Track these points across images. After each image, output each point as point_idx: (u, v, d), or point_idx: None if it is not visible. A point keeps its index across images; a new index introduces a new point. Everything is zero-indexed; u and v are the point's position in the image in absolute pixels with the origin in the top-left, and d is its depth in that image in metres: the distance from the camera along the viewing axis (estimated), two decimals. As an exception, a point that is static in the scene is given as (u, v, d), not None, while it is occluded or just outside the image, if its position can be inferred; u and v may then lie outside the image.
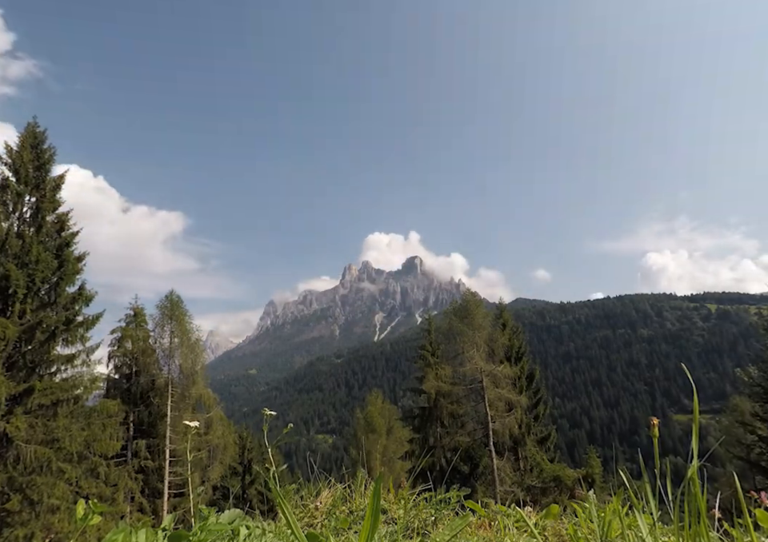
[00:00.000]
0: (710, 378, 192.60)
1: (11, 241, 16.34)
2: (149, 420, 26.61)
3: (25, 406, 15.50)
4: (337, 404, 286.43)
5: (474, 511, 2.68)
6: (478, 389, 28.60)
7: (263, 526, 2.26)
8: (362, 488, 3.16)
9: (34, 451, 15.10)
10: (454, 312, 31.50)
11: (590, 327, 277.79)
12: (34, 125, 18.60)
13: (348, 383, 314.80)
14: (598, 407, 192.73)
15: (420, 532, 2.63)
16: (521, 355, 32.60)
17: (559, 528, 2.60)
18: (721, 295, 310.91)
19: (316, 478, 3.32)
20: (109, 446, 18.49)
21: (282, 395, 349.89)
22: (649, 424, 1.65)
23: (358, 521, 2.65)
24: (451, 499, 2.88)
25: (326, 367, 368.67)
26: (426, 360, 31.77)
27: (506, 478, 27.07)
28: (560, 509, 2.55)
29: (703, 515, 1.44)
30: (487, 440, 27.65)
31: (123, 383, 26.87)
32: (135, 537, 1.74)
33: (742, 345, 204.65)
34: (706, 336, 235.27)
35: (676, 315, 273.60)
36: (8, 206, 17.11)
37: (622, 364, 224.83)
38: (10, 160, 17.51)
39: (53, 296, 17.23)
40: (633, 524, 2.01)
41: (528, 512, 2.99)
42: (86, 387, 17.48)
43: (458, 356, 30.12)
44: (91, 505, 1.74)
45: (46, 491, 14.97)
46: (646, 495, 1.79)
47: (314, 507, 2.97)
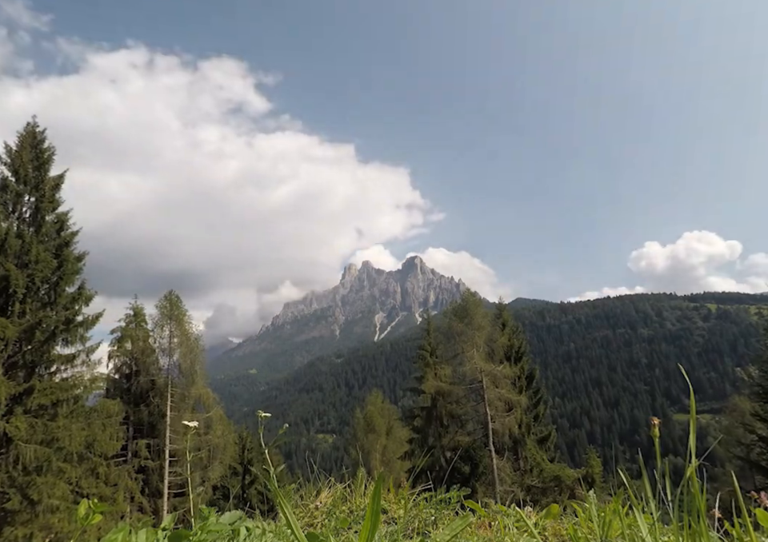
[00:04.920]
0: (710, 378, 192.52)
1: (11, 241, 16.34)
2: (149, 420, 26.59)
3: (25, 406, 15.50)
4: (337, 404, 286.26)
5: (474, 511, 2.68)
6: (478, 389, 28.61)
7: (263, 526, 2.26)
8: (362, 487, 3.16)
9: (34, 451, 15.09)
10: (454, 312, 31.50)
11: (590, 327, 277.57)
12: (34, 124, 18.59)
13: (348, 383, 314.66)
14: (597, 407, 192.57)
15: (420, 531, 2.62)
16: (521, 355, 32.59)
17: (559, 527, 2.60)
18: (721, 295, 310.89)
19: (316, 478, 3.31)
20: (109, 446, 18.51)
21: (282, 395, 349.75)
22: (649, 424, 1.65)
23: (358, 521, 2.65)
24: (451, 499, 2.88)
25: (326, 367, 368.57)
26: (426, 360, 31.76)
27: (506, 478, 27.07)
28: (560, 509, 2.55)
29: (702, 514, 1.44)
30: (487, 440, 27.66)
31: (123, 383, 26.86)
32: (135, 537, 1.74)
33: (742, 345, 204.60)
34: (706, 336, 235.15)
35: (676, 315, 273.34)
36: (7, 206, 17.12)
37: (622, 364, 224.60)
38: (9, 160, 17.52)
39: (53, 296, 17.23)
40: (633, 524, 2.01)
41: (528, 512, 2.99)
42: (85, 387, 17.49)
43: (457, 356, 30.13)
44: (92, 505, 1.74)
45: (45, 491, 14.96)
46: (646, 495, 1.79)
47: (314, 507, 2.97)
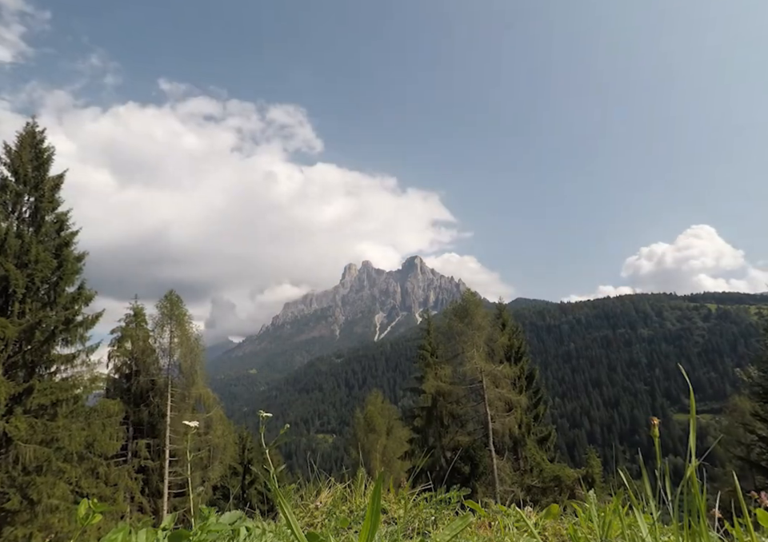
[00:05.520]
0: (710, 378, 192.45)
1: (10, 241, 16.33)
2: (149, 420, 26.58)
3: (24, 406, 15.50)
4: (337, 404, 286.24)
5: (474, 511, 2.68)
6: (478, 389, 28.61)
7: (263, 526, 2.26)
8: (362, 487, 3.16)
9: (34, 451, 15.09)
10: (454, 311, 31.49)
11: (590, 327, 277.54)
12: (33, 124, 18.58)
13: (348, 383, 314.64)
14: (598, 407, 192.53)
15: (420, 531, 2.62)
16: (521, 355, 32.59)
17: (559, 527, 2.60)
18: (721, 295, 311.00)
19: (316, 478, 3.31)
20: (109, 446, 18.50)
21: (282, 395, 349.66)
22: (649, 424, 1.65)
23: (358, 521, 2.65)
24: (451, 499, 2.88)
25: (326, 367, 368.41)
26: (426, 360, 31.75)
27: (506, 478, 27.07)
28: (560, 509, 2.55)
29: (702, 514, 1.44)
30: (487, 439, 27.66)
31: (123, 383, 26.86)
32: (135, 537, 1.74)
33: (742, 345, 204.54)
34: (706, 336, 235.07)
35: (676, 315, 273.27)
36: (7, 206, 17.11)
37: (622, 364, 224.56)
38: (8, 160, 17.50)
39: (52, 296, 17.23)
40: (633, 524, 2.01)
41: (528, 511, 2.99)
42: (85, 387, 17.48)
43: (457, 355, 30.13)
44: (92, 505, 1.74)
45: (45, 491, 14.95)
46: (646, 495, 1.79)
47: (314, 507, 2.97)
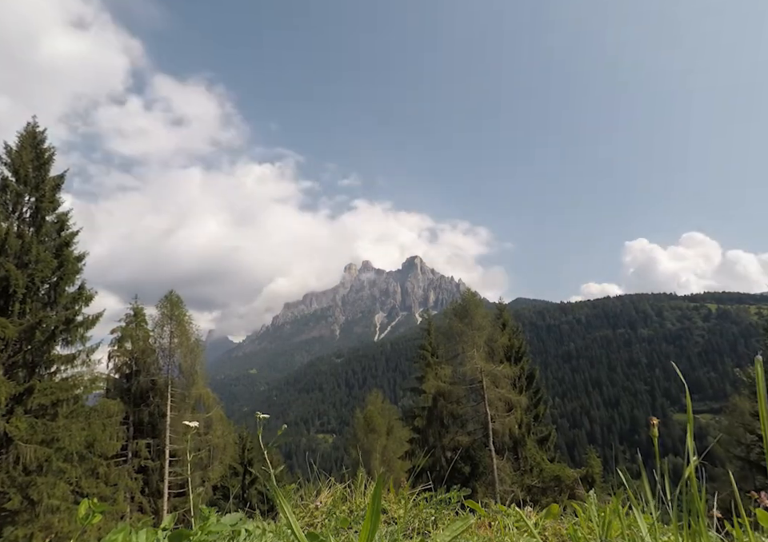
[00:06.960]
0: (710, 378, 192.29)
1: (11, 241, 16.33)
2: (149, 420, 26.58)
3: (25, 406, 15.50)
4: (337, 404, 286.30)
5: (474, 511, 2.68)
6: (478, 389, 28.59)
7: (263, 526, 2.26)
8: (362, 487, 3.16)
9: (34, 451, 15.09)
10: (454, 311, 31.46)
11: (590, 327, 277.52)
12: (34, 124, 18.58)
13: (348, 383, 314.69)
14: (598, 407, 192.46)
15: (420, 531, 2.63)
16: (521, 355, 32.57)
17: (559, 527, 2.60)
18: (721, 295, 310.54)
19: (316, 478, 3.32)
20: (109, 446, 18.52)
21: (282, 395, 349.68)
22: (649, 424, 1.65)
23: (358, 521, 2.65)
24: (451, 499, 2.88)
25: (326, 367, 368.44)
26: (426, 360, 31.74)
27: (506, 478, 27.05)
28: (560, 509, 2.55)
29: (702, 514, 1.44)
30: (487, 440, 27.64)
31: (123, 383, 26.84)
32: (135, 537, 1.74)
33: (742, 345, 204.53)
34: (706, 336, 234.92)
35: (676, 315, 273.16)
36: (7, 206, 17.11)
37: (622, 364, 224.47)
38: (9, 160, 17.50)
39: (53, 296, 17.24)
40: (633, 524, 2.01)
41: (528, 512, 2.99)
42: (85, 387, 17.48)
43: (457, 355, 30.11)
44: (92, 505, 1.75)
45: (45, 491, 14.96)
46: (646, 495, 1.80)
47: (314, 507, 2.97)
